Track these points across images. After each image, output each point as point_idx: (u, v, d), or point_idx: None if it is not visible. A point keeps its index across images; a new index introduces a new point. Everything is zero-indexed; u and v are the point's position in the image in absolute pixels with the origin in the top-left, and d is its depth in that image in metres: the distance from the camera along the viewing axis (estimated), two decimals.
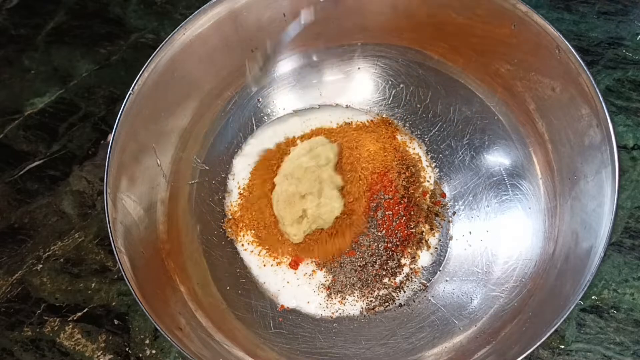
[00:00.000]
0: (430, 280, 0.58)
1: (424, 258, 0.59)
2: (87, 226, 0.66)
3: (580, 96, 0.51)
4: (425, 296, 0.57)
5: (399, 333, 0.56)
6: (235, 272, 0.59)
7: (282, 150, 0.64)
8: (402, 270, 0.58)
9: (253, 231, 0.61)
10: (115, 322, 0.61)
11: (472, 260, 0.58)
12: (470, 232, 0.60)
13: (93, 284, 0.63)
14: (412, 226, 0.59)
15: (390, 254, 0.58)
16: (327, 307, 0.57)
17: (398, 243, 0.59)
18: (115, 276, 0.63)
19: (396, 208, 0.59)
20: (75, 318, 0.61)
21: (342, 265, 0.58)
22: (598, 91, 0.49)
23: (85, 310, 0.62)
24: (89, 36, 0.78)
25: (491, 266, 0.57)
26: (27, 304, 0.63)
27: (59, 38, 0.78)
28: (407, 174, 0.61)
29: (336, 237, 0.59)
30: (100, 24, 0.79)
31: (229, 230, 0.61)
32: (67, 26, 0.79)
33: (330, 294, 0.58)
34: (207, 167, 0.63)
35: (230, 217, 0.62)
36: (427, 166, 0.63)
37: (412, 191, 0.60)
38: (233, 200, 0.63)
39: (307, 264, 0.59)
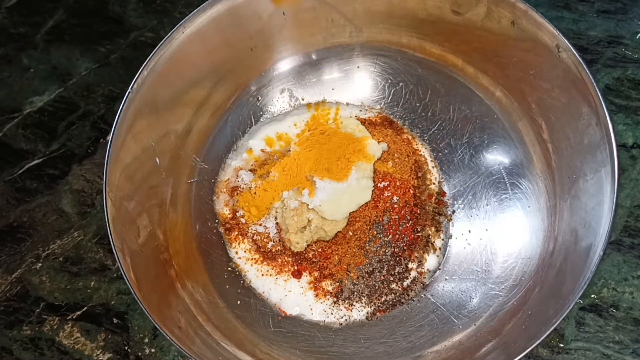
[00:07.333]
0: (430, 279, 0.58)
1: (431, 261, 0.59)
2: (87, 225, 0.66)
3: (580, 95, 0.51)
4: (424, 295, 0.57)
5: (399, 332, 0.56)
6: (234, 271, 0.59)
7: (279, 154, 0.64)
8: (410, 274, 0.58)
9: (250, 237, 0.60)
10: (115, 320, 0.61)
11: (472, 259, 0.58)
12: (469, 231, 0.60)
13: (92, 283, 0.63)
14: (418, 230, 0.59)
15: (398, 259, 0.58)
16: (332, 314, 0.57)
17: (405, 247, 0.58)
18: (115, 275, 0.63)
19: (402, 212, 0.59)
20: (74, 317, 0.61)
21: (348, 272, 0.58)
22: (597, 90, 0.49)
23: (84, 309, 0.62)
24: (88, 34, 0.78)
25: (490, 265, 0.57)
26: (27, 303, 0.62)
27: (59, 36, 0.78)
28: (416, 177, 0.60)
29: (340, 246, 0.59)
30: (99, 22, 0.79)
31: (224, 232, 0.61)
32: (67, 24, 0.79)
33: (337, 301, 0.57)
34: (206, 166, 0.63)
35: (224, 222, 0.61)
36: (433, 167, 0.63)
37: (419, 194, 0.60)
38: (227, 203, 0.62)
39: (311, 272, 0.58)
